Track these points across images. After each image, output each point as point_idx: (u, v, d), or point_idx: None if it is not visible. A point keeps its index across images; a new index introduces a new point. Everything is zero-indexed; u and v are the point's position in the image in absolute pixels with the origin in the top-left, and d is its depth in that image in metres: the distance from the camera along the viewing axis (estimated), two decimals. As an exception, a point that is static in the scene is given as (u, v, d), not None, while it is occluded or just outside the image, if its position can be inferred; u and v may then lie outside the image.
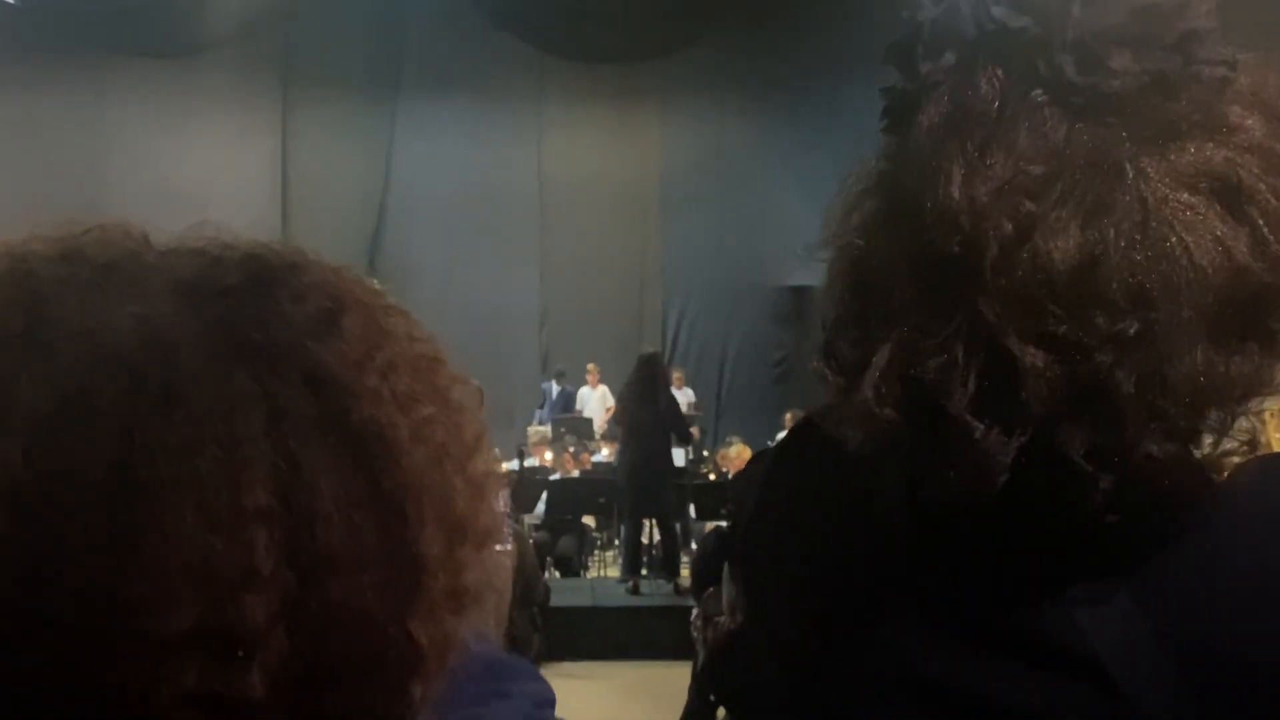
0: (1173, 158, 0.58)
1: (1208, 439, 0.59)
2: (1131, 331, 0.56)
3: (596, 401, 8.94)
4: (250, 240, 0.48)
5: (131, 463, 0.39)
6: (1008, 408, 0.58)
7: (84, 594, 0.38)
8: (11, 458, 0.39)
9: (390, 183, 9.96)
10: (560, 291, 9.28)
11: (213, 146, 9.16)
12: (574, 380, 8.94)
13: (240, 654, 0.39)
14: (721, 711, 3.65)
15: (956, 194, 0.59)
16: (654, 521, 6.53)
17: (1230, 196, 0.57)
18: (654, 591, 6.30)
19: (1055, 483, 0.58)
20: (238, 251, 0.47)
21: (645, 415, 6.34)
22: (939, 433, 0.59)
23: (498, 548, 0.49)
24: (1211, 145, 0.58)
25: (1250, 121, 0.58)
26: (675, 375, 8.19)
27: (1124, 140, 0.58)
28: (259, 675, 0.40)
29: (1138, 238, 0.57)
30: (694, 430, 7.00)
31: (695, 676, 3.99)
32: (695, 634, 4.20)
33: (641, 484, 6.29)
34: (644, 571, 6.44)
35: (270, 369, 0.42)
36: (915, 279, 0.61)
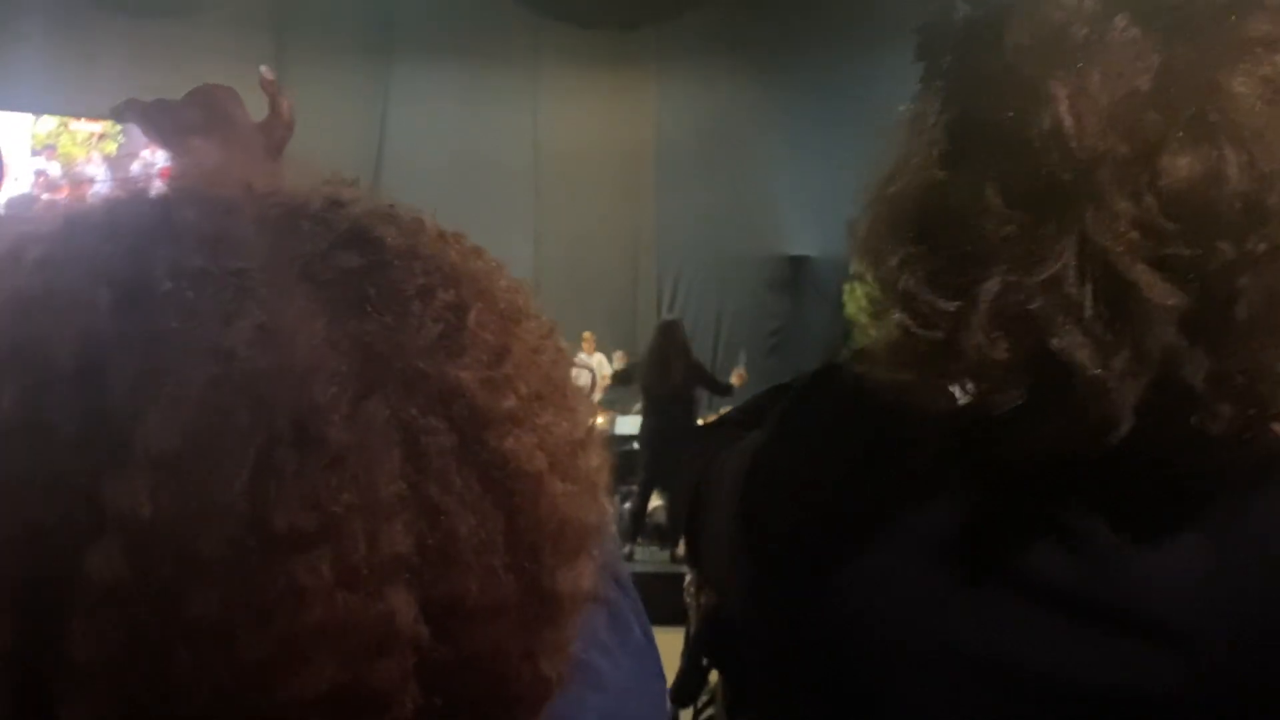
0: (1262, 72, 0.56)
1: None
2: (1260, 249, 0.54)
3: (593, 369, 8.92)
4: (348, 195, 0.44)
5: (265, 512, 0.36)
6: (1129, 341, 0.55)
7: (210, 653, 0.35)
8: (137, 496, 0.35)
9: (384, 148, 9.89)
10: (555, 259, 9.23)
11: (204, 111, 9.02)
12: (569, 348, 8.83)
13: (374, 713, 0.37)
14: (714, 676, 3.67)
15: (1065, 116, 0.56)
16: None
17: None
18: (649, 559, 6.32)
19: (1172, 418, 0.55)
20: (350, 219, 0.43)
21: (661, 384, 6.34)
22: (1056, 376, 0.56)
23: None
24: None
25: None
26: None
27: (1215, 57, 0.56)
28: None
29: (1254, 153, 0.55)
30: (736, 377, 6.88)
31: (688, 642, 4.01)
32: (688, 600, 4.21)
33: (655, 452, 6.28)
34: (638, 539, 6.46)
35: (405, 394, 0.39)
36: (1014, 210, 0.58)
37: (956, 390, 0.60)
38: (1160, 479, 0.59)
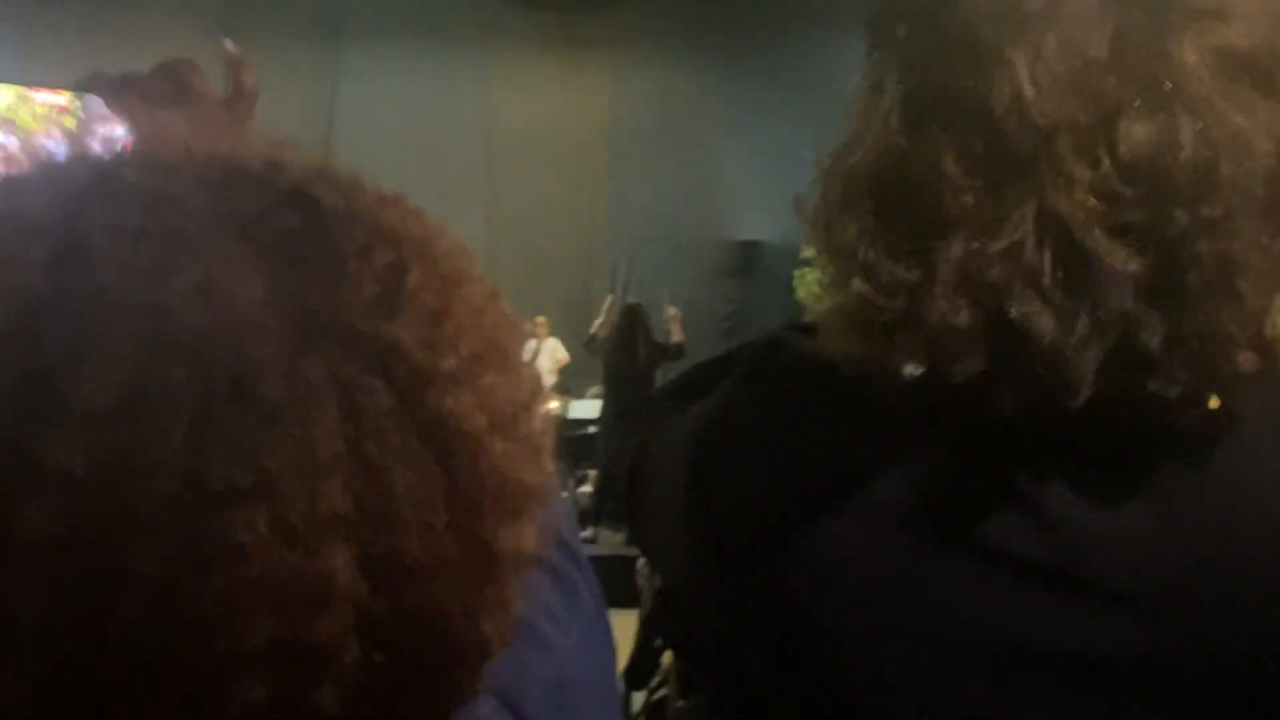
0: (1212, 42, 0.56)
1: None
2: (1214, 215, 0.55)
3: (546, 354, 8.90)
4: (288, 156, 0.43)
5: (202, 468, 0.35)
6: (1087, 307, 0.55)
7: (148, 608, 0.35)
8: (71, 455, 0.35)
9: (334, 130, 9.75)
10: (508, 243, 9.17)
11: (151, 91, 8.86)
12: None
13: (314, 668, 0.37)
14: (667, 658, 3.69)
15: (1025, 84, 0.56)
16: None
17: (1263, 79, 0.57)
18: (603, 541, 6.33)
19: (1128, 383, 0.56)
20: (288, 180, 0.42)
21: (626, 366, 6.35)
22: (1015, 343, 0.56)
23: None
24: (1237, 28, 0.57)
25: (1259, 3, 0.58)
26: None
27: (1167, 26, 0.56)
28: (330, 687, 0.38)
29: (1207, 121, 0.55)
30: (675, 326, 7.09)
31: (641, 624, 4.02)
32: (641, 582, 4.23)
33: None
34: (599, 522, 6.47)
35: (342, 354, 0.38)
36: (973, 178, 0.58)
37: (908, 366, 0.60)
38: (1114, 444, 0.60)
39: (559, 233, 9.86)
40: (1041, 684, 0.62)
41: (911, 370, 0.60)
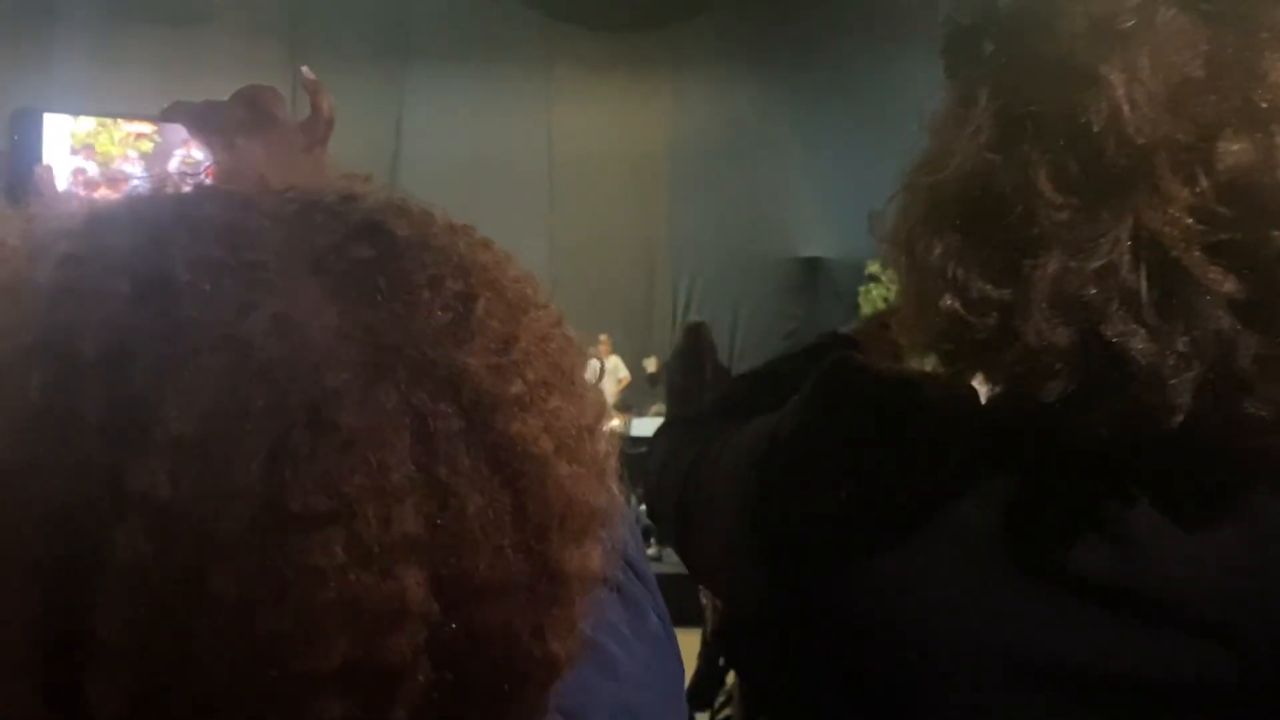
0: None
1: None
2: None
3: (608, 373, 8.94)
4: (362, 189, 0.45)
5: (281, 494, 0.37)
6: (1183, 328, 0.55)
7: (229, 628, 0.37)
8: (157, 479, 0.36)
9: (400, 153, 9.92)
10: (570, 262, 9.24)
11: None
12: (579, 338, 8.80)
13: (387, 688, 0.38)
14: (731, 677, 3.66)
15: (1122, 102, 0.56)
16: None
17: None
18: (667, 559, 6.32)
19: (1222, 405, 0.55)
20: (362, 213, 0.44)
21: (691, 384, 6.36)
22: (1109, 364, 0.56)
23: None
24: None
25: None
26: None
27: (1258, 44, 0.56)
28: (403, 706, 0.39)
29: None
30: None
31: (705, 643, 4.00)
32: (705, 600, 4.21)
33: None
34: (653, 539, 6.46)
35: (414, 380, 0.40)
36: (1068, 196, 0.57)
37: (979, 386, 0.60)
38: (1205, 469, 0.59)
39: (620, 251, 9.90)
40: (1125, 713, 0.60)
41: (990, 392, 0.60)
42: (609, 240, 9.81)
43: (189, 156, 0.88)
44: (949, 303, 0.60)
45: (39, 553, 0.37)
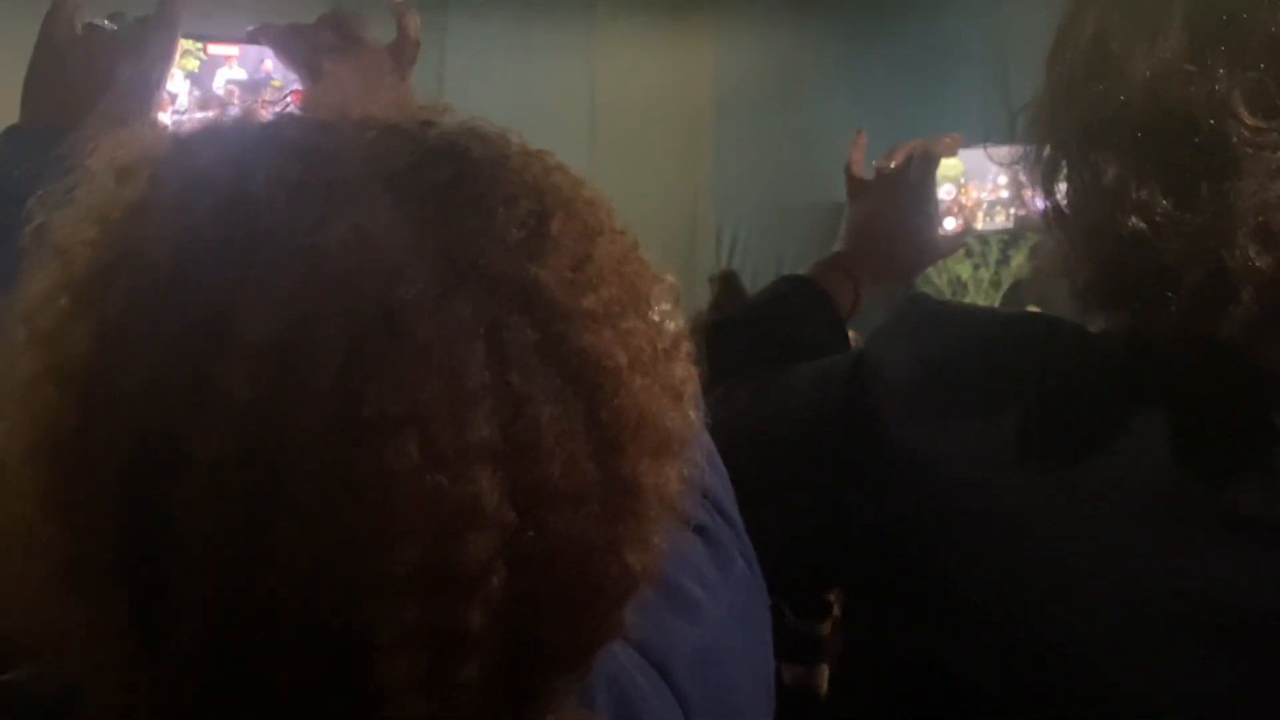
0: None
1: None
2: None
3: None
4: (441, 116, 0.47)
5: (356, 397, 0.38)
6: None
7: (307, 528, 0.38)
8: (236, 382, 0.38)
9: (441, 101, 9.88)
10: (613, 210, 9.18)
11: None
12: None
13: (462, 591, 0.39)
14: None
15: None
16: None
17: None
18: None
19: None
20: (440, 136, 0.46)
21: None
22: None
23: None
24: None
25: None
26: (729, 294, 8.13)
27: None
28: (479, 610, 0.39)
29: None
30: None
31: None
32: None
33: None
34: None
35: (488, 292, 0.41)
36: (1265, 118, 0.56)
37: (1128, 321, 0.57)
38: None
39: (663, 200, 9.84)
40: None
41: (1124, 326, 0.57)
42: (651, 188, 9.74)
43: (232, 80, 0.89)
44: (1135, 223, 0.57)
45: (121, 458, 0.39)
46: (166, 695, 0.40)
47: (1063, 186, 0.63)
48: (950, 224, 1.17)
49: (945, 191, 1.16)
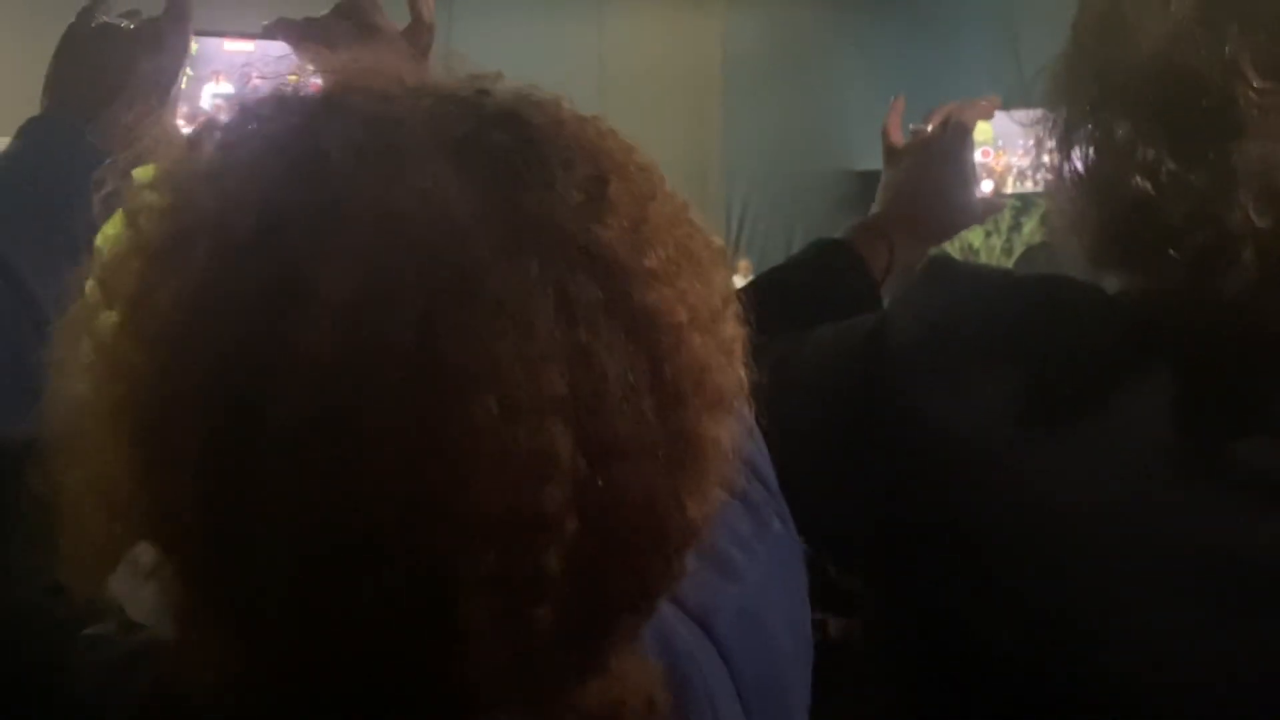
0: None
1: None
2: None
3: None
4: (492, 84, 0.48)
5: (434, 352, 0.39)
6: None
7: (389, 482, 0.39)
8: (318, 338, 0.39)
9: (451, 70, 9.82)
10: (622, 180, 9.13)
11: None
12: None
13: (537, 537, 0.40)
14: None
15: None
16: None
17: None
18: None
19: None
20: (496, 103, 0.47)
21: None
22: None
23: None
24: None
25: None
26: (741, 264, 8.12)
27: None
28: (554, 555, 0.41)
29: None
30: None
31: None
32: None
33: None
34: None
35: (553, 252, 0.42)
36: (1265, 72, 0.56)
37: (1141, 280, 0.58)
38: None
39: (673, 169, 9.66)
40: None
41: (1140, 286, 0.58)
42: (661, 158, 9.68)
43: (219, 94, 0.90)
44: (1140, 183, 0.58)
45: (204, 418, 0.40)
46: (250, 648, 0.42)
47: (1077, 149, 0.64)
48: (987, 187, 1.17)
49: (980, 154, 1.16)
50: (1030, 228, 7.20)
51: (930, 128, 1.16)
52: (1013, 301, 0.68)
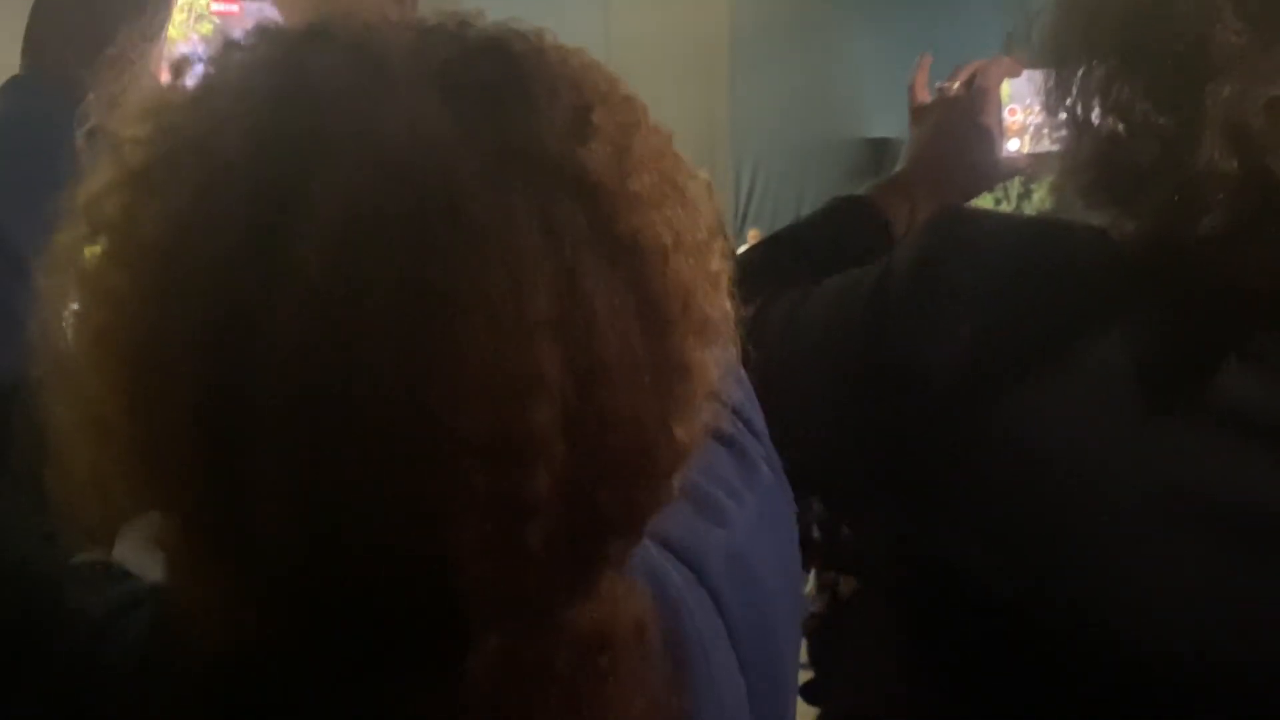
0: None
1: None
2: None
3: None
4: (474, 18, 0.48)
5: (422, 274, 0.40)
6: None
7: (382, 400, 0.39)
8: (309, 263, 0.39)
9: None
10: (630, 150, 9.09)
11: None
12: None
13: (527, 458, 0.41)
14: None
15: None
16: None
17: None
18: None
19: None
20: (478, 33, 0.47)
21: None
22: (1270, 198, 0.55)
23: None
24: None
25: None
26: (750, 233, 8.10)
27: None
28: (543, 477, 0.41)
29: None
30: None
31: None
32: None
33: None
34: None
35: (538, 177, 0.43)
36: (1248, 22, 0.56)
37: (1127, 223, 0.58)
38: None
39: (681, 139, 9.70)
40: (1274, 550, 0.60)
41: (1127, 228, 0.58)
42: (669, 124, 9.65)
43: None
44: (1111, 124, 0.58)
45: (195, 338, 0.40)
46: (244, 577, 0.42)
47: (1071, 93, 0.64)
48: (1014, 146, 1.16)
49: (1007, 113, 1.15)
50: (1040, 195, 7.16)
51: (956, 86, 1.15)
52: (1001, 242, 0.68)
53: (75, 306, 0.44)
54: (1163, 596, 0.62)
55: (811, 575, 2.29)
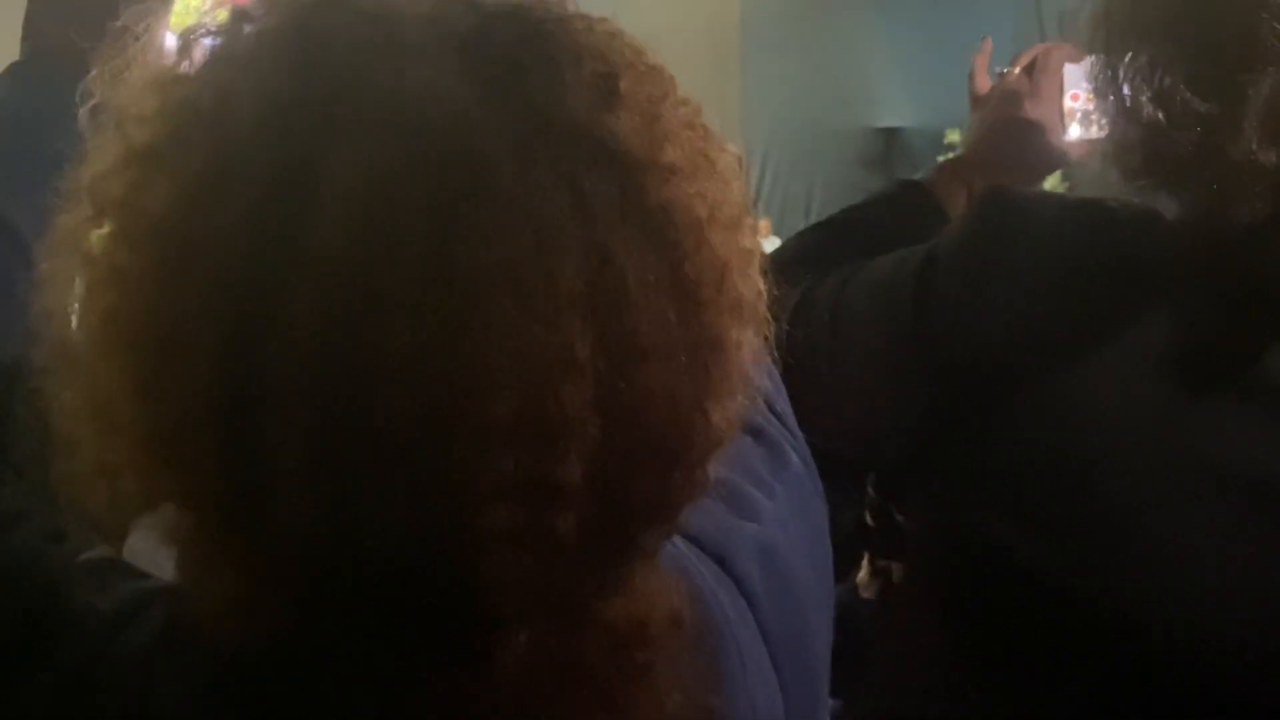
0: None
1: None
2: None
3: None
4: None
5: (447, 249, 0.38)
6: None
7: (407, 379, 0.37)
8: (328, 233, 0.37)
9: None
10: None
11: None
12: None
13: (558, 441, 0.39)
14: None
15: None
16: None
17: None
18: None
19: None
20: (498, 2, 0.45)
21: None
22: None
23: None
24: None
25: None
26: (761, 223, 8.11)
27: None
28: (574, 461, 0.39)
29: None
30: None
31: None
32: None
33: None
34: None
35: (566, 146, 0.40)
36: None
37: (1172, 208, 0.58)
38: None
39: (691, 127, 9.75)
40: None
41: (1173, 214, 0.58)
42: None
43: None
44: (1151, 112, 0.57)
45: (208, 316, 0.38)
46: (265, 566, 0.40)
47: (1118, 79, 0.64)
48: (1075, 132, 1.14)
49: (1069, 99, 1.13)
50: (1051, 183, 7.12)
51: (1017, 71, 1.14)
52: (1051, 222, 0.68)
53: (81, 289, 0.42)
54: (1206, 572, 0.62)
55: (864, 562, 2.29)
